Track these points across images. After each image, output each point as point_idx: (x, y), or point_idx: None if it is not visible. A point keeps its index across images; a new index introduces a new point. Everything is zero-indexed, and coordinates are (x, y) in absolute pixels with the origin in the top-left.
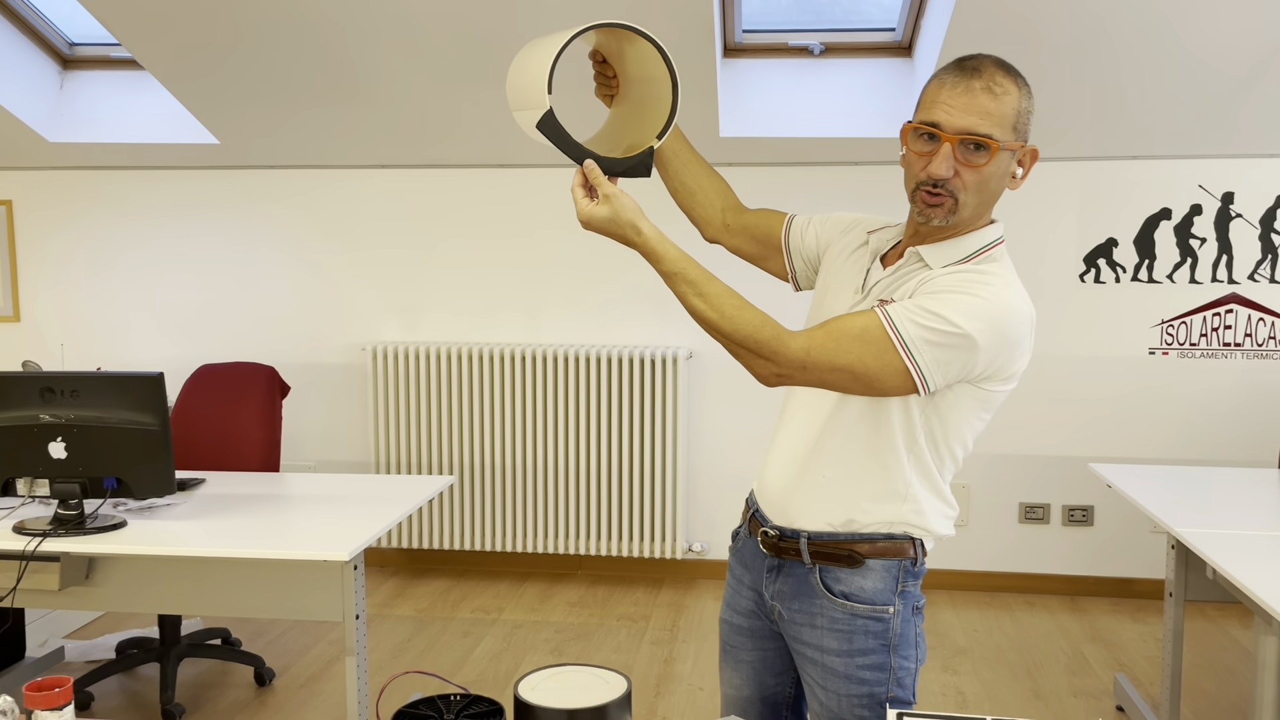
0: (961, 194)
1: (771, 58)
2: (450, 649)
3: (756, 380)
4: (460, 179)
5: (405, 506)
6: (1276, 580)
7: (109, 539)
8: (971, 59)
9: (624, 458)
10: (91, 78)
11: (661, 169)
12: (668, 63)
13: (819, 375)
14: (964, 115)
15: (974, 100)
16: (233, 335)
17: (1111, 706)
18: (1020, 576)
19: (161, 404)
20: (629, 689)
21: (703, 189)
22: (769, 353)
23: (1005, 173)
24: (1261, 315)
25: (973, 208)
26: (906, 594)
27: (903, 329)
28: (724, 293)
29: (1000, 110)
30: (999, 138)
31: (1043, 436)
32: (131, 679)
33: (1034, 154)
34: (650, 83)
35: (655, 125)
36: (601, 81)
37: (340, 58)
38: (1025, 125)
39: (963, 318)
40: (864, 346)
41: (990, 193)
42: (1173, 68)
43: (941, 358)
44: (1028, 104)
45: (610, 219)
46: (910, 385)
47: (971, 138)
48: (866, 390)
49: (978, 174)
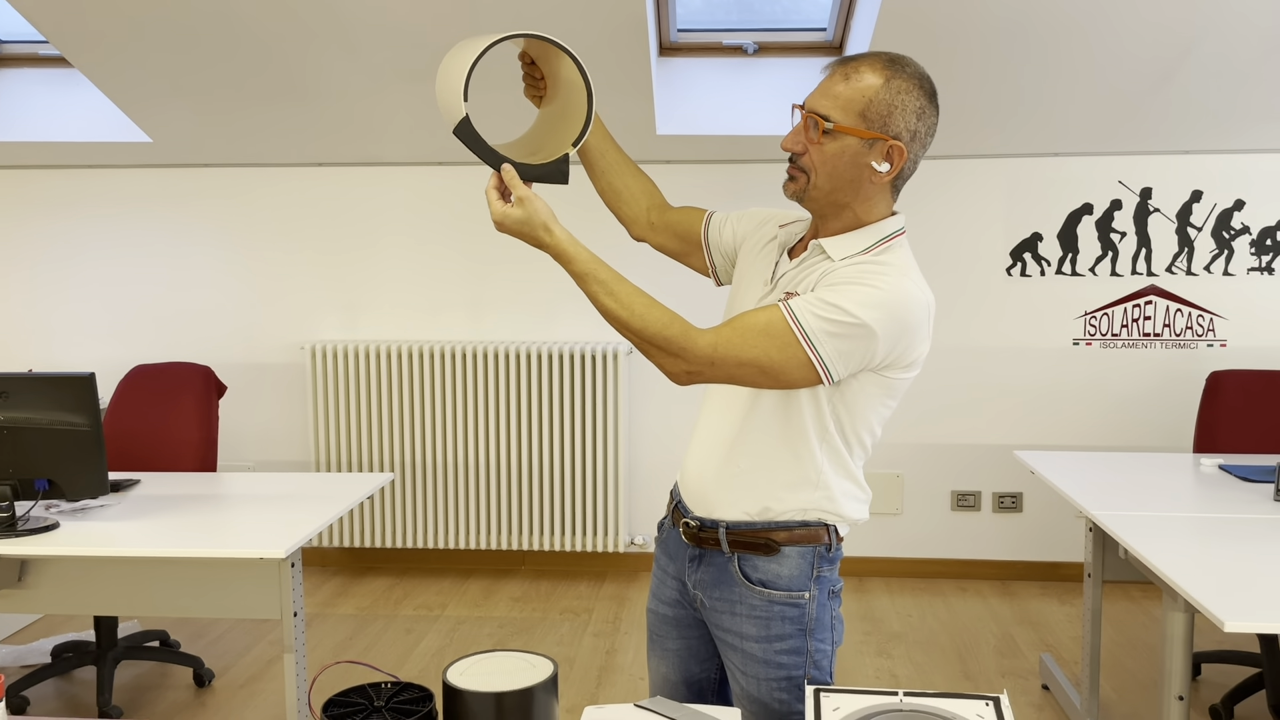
0: (811, 173)
1: (706, 57)
2: (392, 646)
3: (669, 379)
4: (399, 177)
5: (343, 504)
6: (1182, 558)
7: (41, 540)
8: (865, 53)
9: (566, 453)
10: (19, 76)
11: (589, 170)
12: (582, 72)
13: (727, 370)
14: (817, 96)
15: (830, 84)
16: (168, 336)
17: (1037, 685)
18: (953, 563)
19: (93, 404)
20: (555, 671)
21: (629, 188)
22: (677, 349)
23: (855, 159)
24: (1179, 306)
25: (826, 190)
26: (822, 579)
27: (804, 321)
28: (633, 292)
29: (847, 94)
30: (836, 119)
31: (973, 426)
32: (68, 682)
33: (899, 150)
34: (574, 87)
35: (577, 128)
36: (530, 82)
37: (274, 55)
38: (881, 115)
39: (860, 308)
40: (768, 340)
41: (844, 178)
42: (1092, 68)
43: (842, 348)
44: (892, 97)
45: (523, 220)
46: (814, 376)
47: (813, 116)
48: (774, 383)
49: (820, 151)
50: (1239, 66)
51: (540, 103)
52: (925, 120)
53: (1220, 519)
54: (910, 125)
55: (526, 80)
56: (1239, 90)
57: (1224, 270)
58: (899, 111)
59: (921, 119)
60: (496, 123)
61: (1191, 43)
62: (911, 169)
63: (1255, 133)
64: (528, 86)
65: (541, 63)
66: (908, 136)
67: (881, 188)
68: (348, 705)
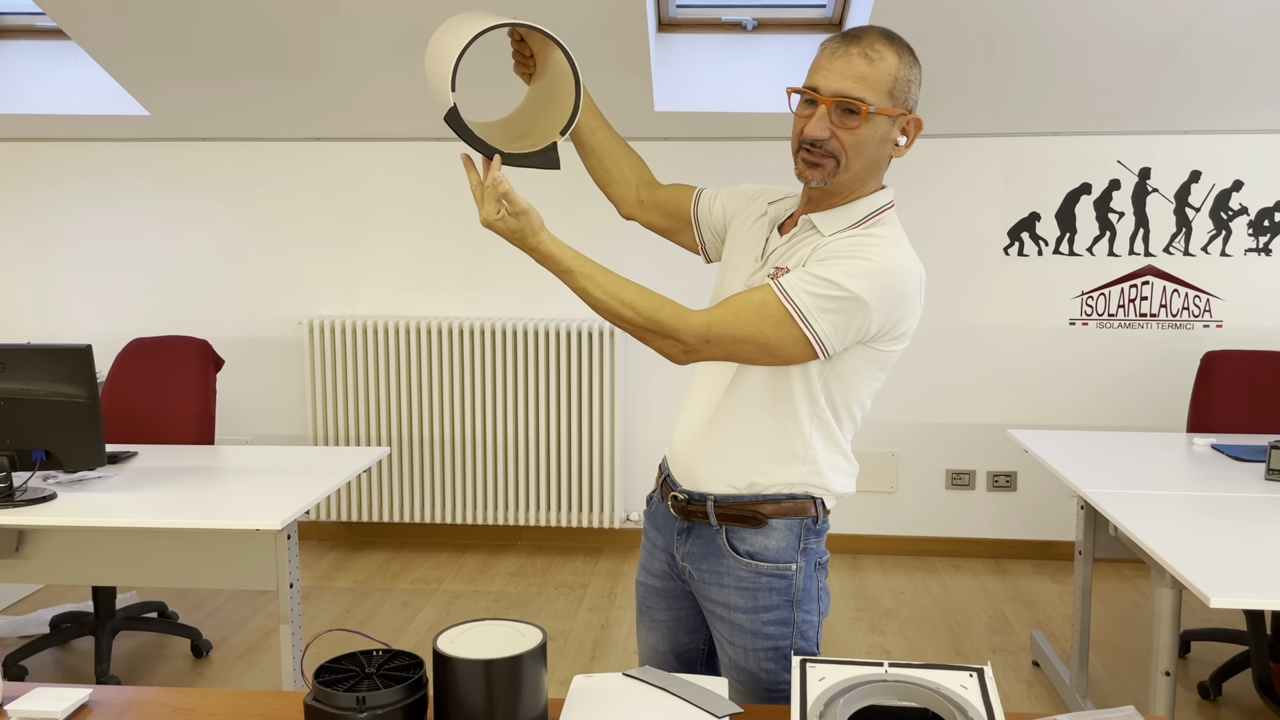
0: (842, 157)
1: (705, 33)
2: (389, 619)
3: (669, 361)
4: (398, 152)
5: (339, 477)
6: (1171, 536)
7: (38, 511)
8: (857, 29)
9: (562, 429)
10: (16, 48)
11: (580, 149)
12: (570, 61)
13: (724, 348)
14: (840, 79)
15: (850, 65)
16: (165, 309)
17: (1028, 661)
18: (947, 541)
19: (90, 376)
20: (544, 640)
21: (619, 168)
22: (671, 330)
23: (884, 138)
24: (1175, 287)
25: (855, 171)
26: (809, 551)
27: (797, 299)
28: (621, 282)
29: (875, 75)
30: (871, 101)
31: (969, 405)
32: (66, 653)
33: (918, 123)
34: (563, 70)
35: (565, 115)
36: (520, 60)
37: (272, 29)
38: (904, 92)
39: (851, 280)
40: (763, 319)
41: (871, 157)
42: (1092, 46)
43: (837, 322)
44: (908, 72)
45: (517, 229)
46: (810, 352)
47: (845, 101)
48: (771, 360)
49: (853, 136)
50: (1238, 46)
51: (530, 79)
52: (919, 88)
53: (1211, 498)
54: (916, 96)
55: (516, 58)
56: (1238, 70)
57: (1221, 251)
58: (913, 85)
59: (919, 87)
60: (487, 95)
61: (1191, 22)
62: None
63: (1254, 113)
64: (517, 64)
65: (530, 41)
66: (916, 108)
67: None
68: (339, 672)
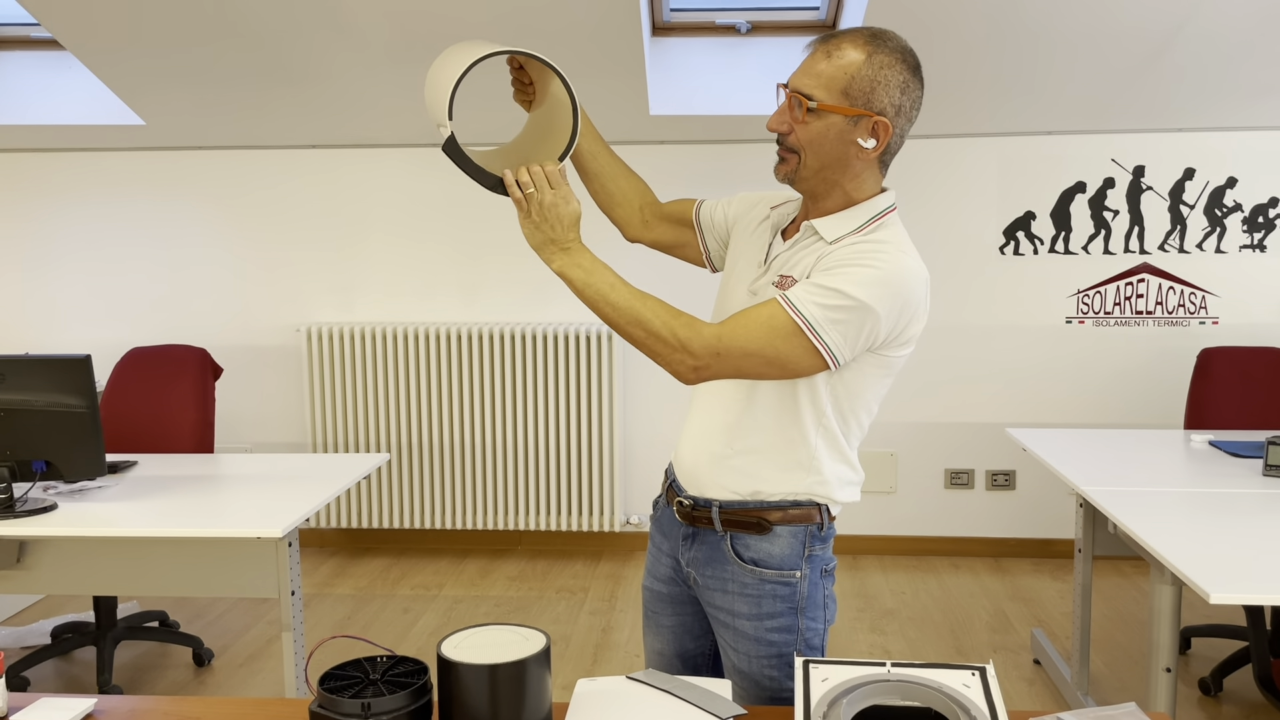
0: (801, 152)
1: (699, 36)
2: (390, 625)
3: (677, 379)
4: (392, 159)
5: (339, 484)
6: (1170, 532)
7: (39, 521)
8: (847, 29)
9: (561, 433)
10: (11, 58)
11: (582, 174)
12: (568, 87)
13: (734, 362)
14: (800, 76)
15: (812, 63)
16: (163, 318)
17: (1029, 660)
18: (946, 540)
19: (89, 386)
20: (548, 644)
21: (621, 190)
22: (681, 342)
23: (841, 137)
24: (1171, 284)
25: (816, 169)
26: (814, 558)
27: (806, 311)
28: (635, 294)
29: (829, 72)
30: (819, 97)
31: (967, 405)
32: (67, 663)
33: (885, 126)
34: (561, 97)
35: (564, 143)
36: (519, 88)
37: (267, 37)
38: (864, 91)
39: (859, 288)
40: (772, 332)
41: (832, 156)
42: (1085, 45)
43: (847, 332)
44: (876, 73)
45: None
46: (821, 364)
47: (796, 95)
48: (781, 373)
49: (805, 130)
50: (1231, 43)
51: (529, 107)
52: (909, 94)
53: (1209, 494)
54: (894, 100)
55: (515, 85)
56: (1231, 68)
57: (1216, 248)
58: (882, 86)
59: (905, 93)
60: (486, 124)
61: (1183, 20)
62: (898, 144)
63: (1248, 110)
64: (516, 91)
65: (529, 68)
66: (892, 111)
67: (870, 164)
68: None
